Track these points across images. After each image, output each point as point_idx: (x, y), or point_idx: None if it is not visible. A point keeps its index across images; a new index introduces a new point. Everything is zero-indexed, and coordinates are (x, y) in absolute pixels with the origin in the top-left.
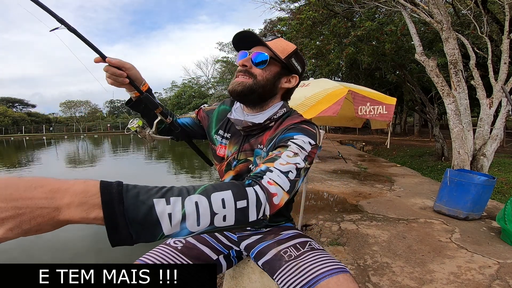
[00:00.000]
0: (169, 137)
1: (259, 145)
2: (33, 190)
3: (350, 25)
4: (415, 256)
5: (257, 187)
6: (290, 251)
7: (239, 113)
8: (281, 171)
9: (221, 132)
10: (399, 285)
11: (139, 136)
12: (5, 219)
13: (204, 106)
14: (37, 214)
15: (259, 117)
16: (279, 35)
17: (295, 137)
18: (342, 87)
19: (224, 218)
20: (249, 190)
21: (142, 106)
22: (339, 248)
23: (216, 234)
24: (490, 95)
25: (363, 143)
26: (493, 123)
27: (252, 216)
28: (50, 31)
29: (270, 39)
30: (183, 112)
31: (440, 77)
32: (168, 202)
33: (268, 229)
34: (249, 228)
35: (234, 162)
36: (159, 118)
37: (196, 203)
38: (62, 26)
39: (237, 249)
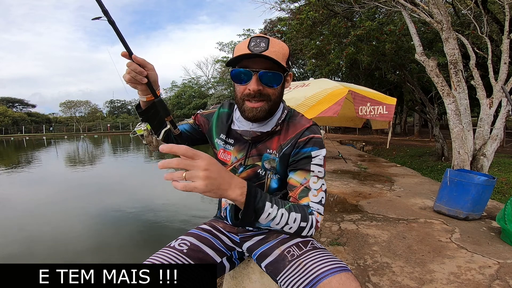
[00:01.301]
0: None
1: (268, 150)
2: (225, 175)
3: (350, 25)
4: (415, 256)
5: (313, 217)
6: (293, 250)
7: (243, 123)
8: (316, 203)
9: (222, 136)
10: (399, 285)
11: (143, 141)
12: (209, 179)
13: (200, 111)
14: (220, 187)
15: (267, 126)
16: (279, 36)
17: (313, 154)
18: (342, 87)
19: (290, 228)
20: (311, 217)
21: (152, 111)
22: (339, 248)
23: (219, 235)
24: (490, 95)
25: (363, 143)
26: (493, 123)
27: (304, 233)
28: (93, 19)
29: (265, 45)
30: (183, 112)
31: (440, 77)
32: (272, 206)
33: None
34: (251, 229)
35: (241, 168)
36: (168, 126)
37: (282, 214)
38: (104, 17)
39: (239, 250)
